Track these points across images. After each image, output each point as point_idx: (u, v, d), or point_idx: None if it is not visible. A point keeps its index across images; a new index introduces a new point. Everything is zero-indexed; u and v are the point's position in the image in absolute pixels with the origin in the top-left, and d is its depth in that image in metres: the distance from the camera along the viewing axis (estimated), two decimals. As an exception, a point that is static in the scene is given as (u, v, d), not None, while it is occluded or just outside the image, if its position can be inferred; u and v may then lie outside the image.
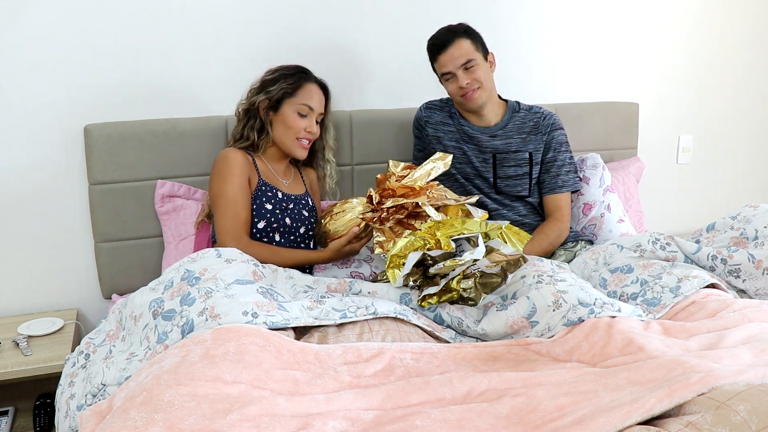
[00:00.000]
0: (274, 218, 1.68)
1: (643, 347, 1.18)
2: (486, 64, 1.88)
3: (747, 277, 1.56)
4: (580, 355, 1.24)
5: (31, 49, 1.79)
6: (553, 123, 1.96)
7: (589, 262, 1.73)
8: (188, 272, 1.37)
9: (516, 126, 1.95)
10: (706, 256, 1.61)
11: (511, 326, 1.35)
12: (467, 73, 1.84)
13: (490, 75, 1.90)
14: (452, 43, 1.82)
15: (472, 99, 1.87)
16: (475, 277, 1.42)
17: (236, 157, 1.66)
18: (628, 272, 1.59)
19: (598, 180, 2.10)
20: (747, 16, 2.70)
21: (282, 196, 1.72)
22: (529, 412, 0.99)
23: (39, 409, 1.73)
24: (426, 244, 1.41)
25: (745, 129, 2.84)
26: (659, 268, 1.56)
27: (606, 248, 1.73)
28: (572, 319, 1.31)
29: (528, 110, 1.98)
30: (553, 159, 1.94)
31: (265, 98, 1.71)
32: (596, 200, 2.08)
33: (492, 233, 1.44)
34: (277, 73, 1.73)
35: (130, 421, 0.92)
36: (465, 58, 1.82)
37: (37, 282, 1.91)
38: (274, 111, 1.72)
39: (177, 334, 1.22)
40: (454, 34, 1.83)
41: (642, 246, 1.67)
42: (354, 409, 1.02)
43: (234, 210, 1.62)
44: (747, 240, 1.64)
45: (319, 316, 1.31)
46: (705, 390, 0.95)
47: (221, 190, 1.63)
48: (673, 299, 1.44)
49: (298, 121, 1.71)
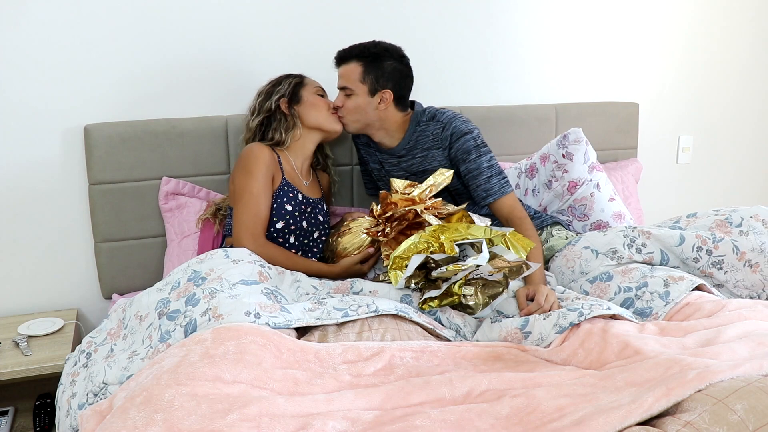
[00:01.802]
0: (292, 220, 1.68)
1: (640, 350, 1.17)
2: (369, 99, 1.72)
3: (729, 269, 1.56)
4: (577, 363, 1.23)
5: (31, 49, 1.79)
6: (452, 134, 1.74)
7: (566, 270, 1.69)
8: (195, 273, 1.37)
9: (419, 143, 1.79)
10: (691, 247, 1.59)
11: (505, 338, 1.35)
12: (343, 97, 1.75)
13: (365, 109, 1.74)
14: (345, 62, 1.74)
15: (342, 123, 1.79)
16: (477, 284, 1.42)
17: (263, 153, 1.66)
18: (608, 280, 1.56)
19: (582, 156, 2.01)
20: (747, 16, 2.70)
21: (302, 198, 1.72)
22: (528, 413, 0.99)
23: (39, 409, 1.73)
24: (429, 247, 1.41)
25: (745, 129, 2.85)
26: (639, 274, 1.54)
27: (580, 254, 1.68)
28: (563, 326, 1.31)
29: (431, 119, 1.79)
30: (467, 171, 1.73)
31: (283, 98, 1.74)
32: (581, 177, 2.00)
33: (496, 239, 1.44)
34: (275, 80, 1.79)
35: (130, 421, 0.92)
36: (343, 83, 1.74)
37: (37, 282, 1.91)
38: (297, 103, 1.76)
39: (180, 333, 1.22)
40: (351, 56, 1.73)
41: (618, 252, 1.63)
42: (354, 409, 1.02)
43: (256, 207, 1.61)
44: (731, 225, 1.62)
45: (321, 316, 1.31)
46: (702, 387, 0.95)
47: (246, 185, 1.62)
48: (664, 307, 1.42)
49: (321, 99, 1.77)
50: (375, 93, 1.72)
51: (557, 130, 2.36)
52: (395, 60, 1.74)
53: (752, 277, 1.55)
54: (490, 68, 2.33)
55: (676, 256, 1.62)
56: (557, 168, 2.03)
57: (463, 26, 2.21)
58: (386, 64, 1.72)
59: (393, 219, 1.59)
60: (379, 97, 1.73)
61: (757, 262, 1.54)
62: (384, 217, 1.61)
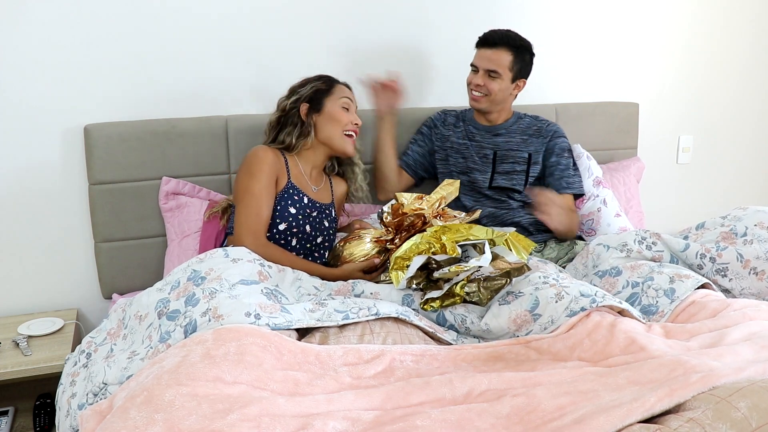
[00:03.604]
0: (295, 223, 1.67)
1: (645, 347, 1.18)
2: (509, 85, 1.93)
3: (734, 276, 1.55)
4: (582, 351, 1.23)
5: (31, 49, 1.79)
6: (556, 131, 2.01)
7: (579, 267, 1.73)
8: (195, 272, 1.37)
9: (519, 128, 2.01)
10: (694, 254, 1.60)
11: (515, 320, 1.35)
12: (486, 77, 1.90)
13: (506, 94, 1.94)
14: (496, 47, 1.88)
15: (475, 99, 1.95)
16: (479, 280, 1.42)
17: (267, 155, 1.66)
18: (617, 275, 1.57)
19: (585, 171, 2.11)
20: (747, 16, 2.70)
21: (307, 202, 1.71)
22: (529, 412, 0.99)
23: (39, 409, 1.73)
24: (431, 248, 1.41)
25: (745, 129, 2.85)
26: (647, 269, 1.54)
27: (593, 249, 1.72)
28: (575, 309, 1.32)
29: (533, 118, 2.05)
30: (557, 163, 1.98)
31: (305, 103, 1.72)
32: (588, 192, 2.09)
33: (498, 240, 1.44)
34: (304, 80, 1.77)
35: (131, 421, 0.92)
36: (493, 66, 1.88)
37: (37, 282, 1.91)
38: (317, 112, 1.73)
39: (180, 333, 1.22)
40: (503, 42, 1.89)
41: (628, 245, 1.66)
42: (354, 409, 1.02)
43: (258, 207, 1.62)
44: (736, 236, 1.63)
45: (322, 317, 1.31)
46: (705, 389, 0.95)
47: (248, 186, 1.63)
48: (670, 305, 1.42)
49: (344, 114, 1.74)
50: (515, 80, 1.93)
51: (557, 130, 2.35)
52: (531, 55, 1.95)
53: (758, 285, 1.54)
54: (490, 68, 2.33)
55: (683, 261, 1.64)
56: None
57: (464, 26, 2.21)
58: (527, 57, 1.93)
59: (402, 228, 1.59)
60: (516, 84, 1.94)
61: (762, 270, 1.53)
62: (394, 224, 1.60)
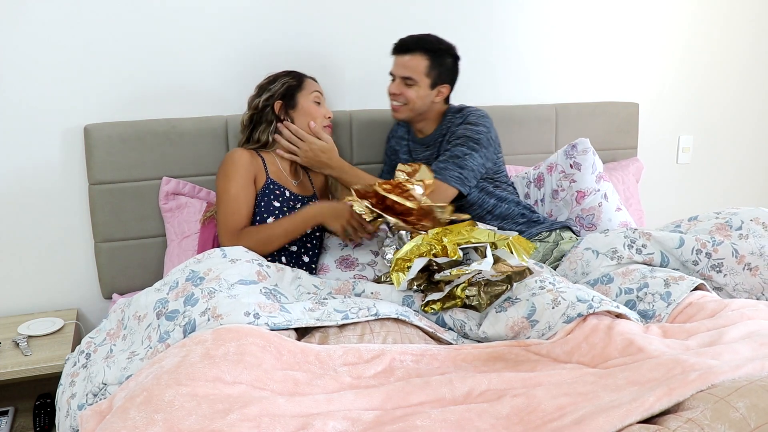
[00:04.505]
0: (281, 215, 1.69)
1: (644, 348, 1.17)
2: (429, 92, 1.79)
3: (728, 272, 1.56)
4: (580, 356, 1.23)
5: (31, 49, 1.79)
6: (466, 118, 1.80)
7: (568, 273, 1.70)
8: (193, 273, 1.37)
9: (441, 133, 1.86)
10: (690, 249, 1.59)
11: (512, 327, 1.35)
12: (402, 85, 1.79)
13: (426, 101, 1.81)
14: (410, 52, 1.77)
15: (394, 109, 1.84)
16: (480, 284, 1.42)
17: (242, 157, 1.69)
18: (609, 283, 1.56)
19: (590, 166, 2.05)
20: (747, 16, 2.70)
21: (290, 195, 1.73)
22: (529, 413, 0.99)
23: (39, 409, 1.73)
24: (432, 250, 1.41)
25: (745, 129, 2.85)
26: (639, 275, 1.53)
27: (582, 255, 1.69)
28: (572, 315, 1.31)
29: (457, 112, 1.86)
30: (445, 149, 1.79)
31: (279, 100, 1.73)
32: (589, 188, 2.03)
33: (499, 243, 1.44)
34: (272, 77, 1.78)
35: (130, 421, 0.92)
36: (408, 72, 1.77)
37: (37, 282, 1.91)
38: (291, 108, 1.75)
39: (179, 333, 1.22)
40: (418, 47, 1.77)
41: (618, 252, 1.63)
42: (354, 409, 1.02)
43: (234, 206, 1.64)
44: (731, 228, 1.62)
45: (321, 317, 1.31)
46: (703, 387, 0.95)
47: (224, 188, 1.66)
48: (667, 308, 1.41)
49: (317, 109, 1.76)
50: (435, 87, 1.80)
51: (557, 130, 2.36)
52: (453, 58, 1.83)
53: (751, 281, 1.55)
54: (491, 68, 2.33)
55: (676, 259, 1.62)
56: (564, 178, 2.05)
57: (464, 26, 2.21)
58: (448, 61, 1.81)
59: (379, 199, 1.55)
60: (437, 90, 1.81)
61: (756, 266, 1.54)
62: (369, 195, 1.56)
